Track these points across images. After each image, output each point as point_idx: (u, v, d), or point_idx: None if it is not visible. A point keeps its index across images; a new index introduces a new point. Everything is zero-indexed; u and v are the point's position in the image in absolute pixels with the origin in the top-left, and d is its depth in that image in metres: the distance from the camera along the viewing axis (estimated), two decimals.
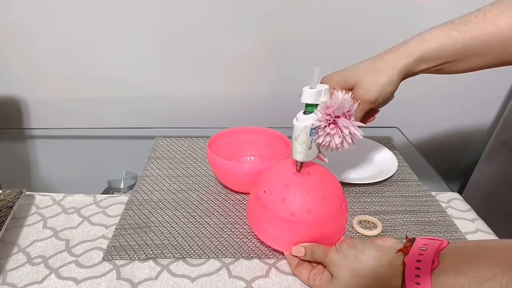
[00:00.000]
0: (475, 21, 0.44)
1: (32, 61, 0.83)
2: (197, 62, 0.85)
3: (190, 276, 0.46)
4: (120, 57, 0.83)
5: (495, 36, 0.42)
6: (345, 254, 0.41)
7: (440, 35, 0.45)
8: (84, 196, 0.61)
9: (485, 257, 0.32)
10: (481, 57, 0.44)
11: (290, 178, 0.47)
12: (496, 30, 0.42)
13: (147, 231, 0.53)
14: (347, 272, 0.40)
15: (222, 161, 0.58)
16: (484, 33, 0.43)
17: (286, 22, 0.80)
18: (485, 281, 0.30)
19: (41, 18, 0.78)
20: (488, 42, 0.43)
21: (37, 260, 0.48)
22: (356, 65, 0.48)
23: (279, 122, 0.86)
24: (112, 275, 0.46)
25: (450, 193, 0.64)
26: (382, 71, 0.46)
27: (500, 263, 0.30)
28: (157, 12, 0.78)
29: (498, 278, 0.29)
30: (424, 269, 0.34)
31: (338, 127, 0.42)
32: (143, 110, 0.91)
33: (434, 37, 0.45)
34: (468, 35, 0.43)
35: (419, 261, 0.35)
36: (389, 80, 0.46)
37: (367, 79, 0.46)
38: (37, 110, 0.90)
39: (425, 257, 0.35)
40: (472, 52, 0.44)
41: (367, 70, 0.47)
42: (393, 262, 0.38)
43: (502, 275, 0.29)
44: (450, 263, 0.33)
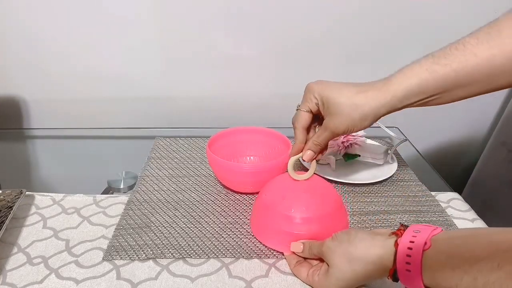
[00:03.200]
0: (455, 53, 0.43)
1: (32, 61, 0.83)
2: (197, 62, 0.85)
3: (190, 276, 0.46)
4: (121, 57, 0.83)
5: (477, 67, 0.42)
6: (339, 239, 0.42)
7: (421, 70, 0.44)
8: (84, 196, 0.61)
9: (478, 242, 0.32)
10: (466, 88, 0.43)
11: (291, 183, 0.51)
12: (476, 61, 0.42)
13: (147, 231, 0.53)
14: (341, 257, 0.41)
15: (222, 161, 0.58)
16: (466, 65, 0.42)
17: (287, 22, 0.80)
18: (477, 262, 0.30)
19: (41, 18, 0.78)
20: (471, 73, 0.42)
21: (37, 260, 0.48)
22: (340, 88, 0.47)
23: (279, 122, 0.86)
24: (112, 275, 0.46)
25: (449, 193, 0.65)
26: (359, 107, 0.45)
27: (494, 246, 0.31)
28: (158, 12, 0.78)
29: (491, 259, 0.29)
30: (415, 250, 0.35)
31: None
32: (143, 110, 0.91)
33: (415, 72, 0.44)
34: (449, 68, 0.43)
35: (411, 242, 0.36)
36: (363, 118, 0.45)
37: (343, 112, 0.45)
38: (37, 110, 0.90)
39: (418, 239, 0.35)
40: (455, 85, 0.43)
41: (347, 100, 0.45)
42: (386, 243, 0.38)
43: (495, 256, 0.29)
44: (443, 246, 0.34)
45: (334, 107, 0.46)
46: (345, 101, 0.45)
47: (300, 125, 0.50)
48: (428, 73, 0.43)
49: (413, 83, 0.44)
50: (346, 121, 0.46)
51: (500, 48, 0.41)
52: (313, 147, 0.49)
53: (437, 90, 0.44)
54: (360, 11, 0.80)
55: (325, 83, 0.48)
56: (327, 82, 0.48)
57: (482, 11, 0.81)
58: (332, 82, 0.48)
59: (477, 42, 0.42)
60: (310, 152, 0.49)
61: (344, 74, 0.88)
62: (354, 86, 0.46)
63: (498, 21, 0.43)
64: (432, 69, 0.43)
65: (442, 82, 0.43)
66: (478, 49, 0.42)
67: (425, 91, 0.44)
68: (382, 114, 0.46)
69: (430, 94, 0.44)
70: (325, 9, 0.79)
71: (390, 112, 0.46)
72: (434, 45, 0.84)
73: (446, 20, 0.82)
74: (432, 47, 0.88)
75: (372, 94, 0.45)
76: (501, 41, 0.41)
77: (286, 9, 0.79)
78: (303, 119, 0.49)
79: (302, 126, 0.50)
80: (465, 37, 0.44)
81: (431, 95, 0.44)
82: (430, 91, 0.44)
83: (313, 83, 0.48)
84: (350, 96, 0.45)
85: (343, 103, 0.45)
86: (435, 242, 0.35)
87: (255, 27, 0.81)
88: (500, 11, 0.82)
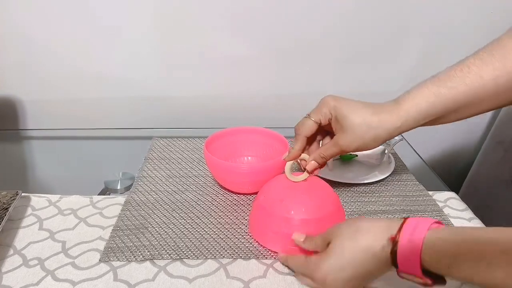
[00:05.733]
0: (460, 75, 0.44)
1: (28, 61, 0.83)
2: (195, 62, 0.85)
3: (187, 277, 0.46)
4: (117, 58, 0.83)
5: (483, 88, 0.43)
6: (345, 222, 0.43)
7: (429, 94, 0.45)
8: (80, 197, 0.61)
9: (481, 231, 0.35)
10: (472, 107, 0.45)
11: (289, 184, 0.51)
12: (482, 82, 0.43)
13: (144, 232, 0.53)
14: (345, 230, 0.41)
15: (219, 162, 0.58)
16: (471, 87, 0.44)
17: (285, 22, 0.80)
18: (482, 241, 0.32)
19: (36, 18, 0.77)
20: (477, 94, 0.44)
21: (33, 262, 0.48)
22: (356, 108, 0.48)
23: (276, 122, 0.86)
24: (109, 277, 0.46)
25: (446, 192, 0.65)
26: (373, 130, 0.46)
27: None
28: (154, 12, 0.78)
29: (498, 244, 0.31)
30: (422, 225, 0.36)
31: None
32: (140, 110, 0.90)
33: (423, 96, 0.46)
34: (456, 90, 0.44)
35: (418, 222, 0.37)
36: (375, 139, 0.47)
37: (356, 131, 0.47)
38: (33, 110, 0.89)
39: (425, 220, 0.37)
40: (462, 105, 0.45)
41: (362, 120, 0.47)
42: (392, 220, 0.39)
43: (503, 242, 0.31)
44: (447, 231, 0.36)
45: (348, 125, 0.47)
46: (360, 122, 0.47)
47: (303, 133, 0.50)
48: (435, 97, 0.45)
49: (422, 108, 0.46)
50: (358, 141, 0.47)
51: (505, 69, 0.42)
52: (319, 159, 0.50)
53: (445, 111, 0.46)
54: (359, 11, 0.80)
55: (342, 99, 0.48)
56: (344, 99, 0.49)
57: (480, 11, 0.81)
58: (348, 99, 0.49)
59: (481, 63, 0.44)
60: (314, 163, 0.50)
61: (342, 74, 0.88)
62: (368, 106, 0.48)
63: (500, 40, 0.44)
64: (439, 92, 0.45)
65: (450, 105, 0.45)
66: (483, 70, 0.43)
67: (433, 113, 0.46)
68: (393, 137, 0.48)
69: (438, 116, 0.46)
70: (323, 9, 0.79)
71: (399, 134, 0.48)
72: (432, 45, 0.84)
73: (443, 20, 0.82)
74: (430, 46, 0.89)
75: (385, 117, 0.46)
76: (505, 62, 0.42)
77: (284, 9, 0.78)
78: (308, 128, 0.50)
79: (305, 134, 0.50)
80: (469, 57, 0.45)
81: (439, 116, 0.46)
82: (438, 113, 0.46)
83: (329, 97, 0.49)
84: (365, 117, 0.47)
85: (357, 124, 0.46)
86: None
87: (253, 28, 0.81)
88: (496, 11, 0.82)
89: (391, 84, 0.91)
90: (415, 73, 0.89)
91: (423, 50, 0.86)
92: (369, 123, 0.46)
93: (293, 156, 0.51)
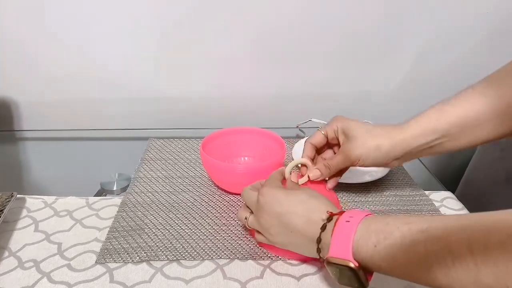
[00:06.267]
0: (464, 95, 0.46)
1: (23, 62, 0.82)
2: (191, 62, 0.84)
3: (184, 278, 0.46)
4: (113, 58, 0.83)
5: (486, 108, 0.44)
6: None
7: (433, 111, 0.47)
8: (76, 198, 0.60)
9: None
10: (478, 129, 0.45)
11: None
12: (486, 100, 0.44)
13: (140, 233, 0.53)
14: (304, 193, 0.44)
15: (216, 162, 0.58)
16: (475, 105, 0.45)
17: (280, 23, 0.80)
18: (409, 223, 0.33)
19: (33, 19, 0.77)
20: (481, 113, 0.44)
21: (29, 264, 0.47)
22: (361, 122, 0.50)
23: (273, 123, 0.86)
24: (105, 279, 0.45)
25: (443, 192, 0.65)
26: (375, 137, 0.48)
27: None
28: (151, 13, 0.78)
29: (421, 221, 0.33)
30: (361, 213, 0.38)
31: None
32: (136, 111, 0.90)
33: (427, 113, 0.47)
34: (459, 107, 0.46)
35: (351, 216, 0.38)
36: (377, 147, 0.48)
37: (358, 137, 0.48)
38: (28, 111, 0.88)
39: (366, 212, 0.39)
40: (467, 124, 0.45)
41: (365, 128, 0.49)
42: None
43: (426, 219, 0.33)
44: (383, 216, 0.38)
45: (352, 134, 0.49)
46: (363, 130, 0.49)
47: (310, 140, 0.53)
48: (440, 113, 0.46)
49: (426, 122, 0.47)
50: (360, 147, 0.48)
51: (509, 91, 0.43)
52: (323, 168, 0.51)
53: (449, 130, 0.46)
54: (354, 11, 0.80)
55: (350, 119, 0.51)
56: (352, 119, 0.51)
57: (476, 11, 0.81)
58: (357, 120, 0.51)
59: (487, 85, 0.45)
60: (317, 172, 0.51)
61: (338, 74, 0.88)
62: (374, 124, 0.50)
63: (505, 68, 0.46)
64: (443, 109, 0.46)
65: (454, 121, 0.45)
66: (487, 91, 0.44)
67: (438, 129, 0.46)
68: (397, 154, 0.48)
69: (443, 134, 0.46)
70: (318, 9, 0.79)
71: (404, 152, 0.48)
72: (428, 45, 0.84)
73: (439, 20, 0.82)
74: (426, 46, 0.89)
75: (388, 129, 0.48)
76: (510, 86, 0.43)
77: (280, 10, 0.78)
78: (315, 137, 0.53)
79: (311, 142, 0.53)
80: (476, 83, 0.47)
81: (443, 136, 0.46)
82: (442, 130, 0.46)
83: (340, 116, 0.52)
84: (369, 127, 0.49)
85: (360, 131, 0.49)
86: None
87: (249, 28, 0.81)
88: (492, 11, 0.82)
89: (386, 84, 0.91)
90: (411, 73, 0.89)
91: (419, 50, 0.86)
92: (372, 132, 0.48)
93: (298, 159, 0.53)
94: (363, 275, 0.36)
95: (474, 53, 0.86)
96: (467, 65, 0.88)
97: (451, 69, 0.88)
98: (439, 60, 0.88)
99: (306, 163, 0.52)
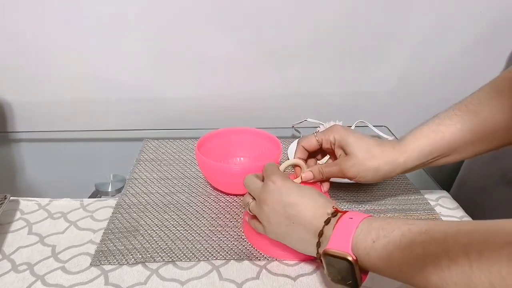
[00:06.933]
0: (459, 114, 0.47)
1: (15, 63, 0.81)
2: (186, 63, 0.84)
3: (180, 280, 0.45)
4: (107, 58, 0.82)
5: (481, 126, 0.45)
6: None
7: (429, 131, 0.47)
8: (70, 200, 0.60)
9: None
10: (474, 146, 0.47)
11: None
12: (479, 120, 0.45)
13: (135, 235, 0.52)
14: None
15: (211, 163, 0.58)
16: (470, 123, 0.46)
17: (277, 22, 0.80)
18: (410, 224, 0.34)
19: (24, 19, 0.76)
20: (476, 131, 0.46)
21: (23, 267, 0.47)
22: (361, 137, 0.49)
23: (268, 123, 0.86)
24: (100, 281, 0.45)
25: (438, 191, 0.65)
26: (375, 158, 0.48)
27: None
28: (146, 13, 0.77)
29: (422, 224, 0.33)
30: (360, 214, 0.39)
31: None
32: (131, 111, 0.90)
33: (424, 133, 0.48)
34: (454, 127, 0.46)
35: (355, 215, 0.39)
36: (376, 169, 0.48)
37: (358, 156, 0.48)
38: (22, 112, 0.88)
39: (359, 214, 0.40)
40: (463, 143, 0.47)
41: (365, 147, 0.48)
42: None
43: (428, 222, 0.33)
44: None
45: (351, 151, 0.48)
46: (363, 148, 0.48)
47: (303, 144, 0.52)
48: (436, 134, 0.47)
49: (423, 144, 0.47)
50: (358, 166, 0.48)
51: (501, 107, 0.44)
52: (316, 173, 0.51)
53: (447, 149, 0.47)
54: (350, 11, 0.80)
55: (349, 129, 0.50)
56: (351, 130, 0.50)
57: (469, 11, 0.82)
58: (355, 131, 0.50)
59: (479, 102, 0.46)
60: (309, 174, 0.51)
61: (334, 75, 0.88)
62: (373, 139, 0.50)
63: (496, 82, 0.46)
64: (439, 130, 0.47)
65: (451, 141, 0.46)
66: (480, 108, 0.45)
67: (435, 150, 0.47)
68: (393, 175, 0.49)
69: (440, 154, 0.48)
70: (314, 9, 0.79)
71: (402, 173, 0.50)
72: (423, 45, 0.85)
73: (434, 20, 0.82)
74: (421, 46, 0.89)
75: (388, 150, 0.48)
76: (502, 100, 0.44)
77: (276, 10, 0.78)
78: (309, 142, 0.52)
79: (303, 145, 0.52)
80: (467, 98, 0.47)
81: (440, 155, 0.48)
82: (439, 150, 0.47)
83: (338, 125, 0.51)
84: (369, 146, 0.48)
85: (360, 149, 0.48)
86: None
87: (245, 28, 0.80)
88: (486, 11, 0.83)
89: (382, 84, 0.92)
90: (406, 72, 0.89)
91: (414, 50, 0.86)
92: (372, 152, 0.48)
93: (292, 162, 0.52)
94: (359, 271, 0.36)
95: (468, 52, 0.87)
96: (462, 64, 0.88)
97: (447, 68, 0.89)
98: (434, 60, 0.88)
99: (300, 163, 0.51)
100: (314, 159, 0.55)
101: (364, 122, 0.81)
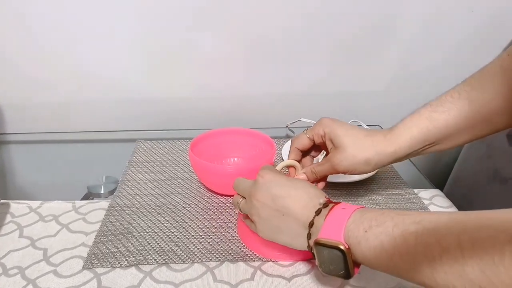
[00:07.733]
0: (451, 100, 0.46)
1: (7, 64, 0.80)
2: (179, 63, 0.83)
3: (174, 282, 0.45)
4: (99, 60, 0.81)
5: (473, 112, 0.45)
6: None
7: (421, 119, 0.47)
8: (62, 202, 0.59)
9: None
10: (467, 132, 0.46)
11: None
12: (471, 107, 0.45)
13: (128, 237, 0.52)
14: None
15: (205, 163, 0.57)
16: (462, 110, 0.45)
17: (271, 21, 0.80)
18: (404, 215, 0.33)
19: (13, 19, 0.75)
20: (469, 117, 0.45)
21: (13, 271, 0.46)
22: (350, 129, 0.48)
23: (262, 123, 0.86)
24: (92, 284, 0.44)
25: (431, 189, 0.65)
26: (365, 151, 0.47)
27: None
28: (139, 13, 0.76)
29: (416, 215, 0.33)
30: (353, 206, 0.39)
31: None
32: (124, 112, 0.89)
33: (416, 121, 0.47)
34: (447, 114, 0.45)
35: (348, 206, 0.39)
36: (367, 161, 0.47)
37: (348, 149, 0.47)
38: (12, 114, 0.86)
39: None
40: (456, 130, 0.46)
41: (354, 139, 0.47)
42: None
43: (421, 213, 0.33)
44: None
45: (341, 143, 0.47)
46: (352, 140, 0.47)
47: (295, 145, 0.52)
48: (429, 121, 0.46)
49: (415, 132, 0.46)
50: (349, 159, 0.47)
51: (494, 92, 0.43)
52: (309, 174, 0.50)
53: (439, 136, 0.46)
54: (344, 11, 0.80)
55: (338, 121, 0.49)
56: (340, 121, 0.49)
57: (461, 11, 0.82)
58: (344, 122, 0.49)
59: (471, 88, 0.45)
60: (303, 176, 0.51)
61: (329, 74, 0.88)
62: (362, 130, 0.49)
63: (488, 68, 0.46)
64: (431, 116, 0.46)
65: (443, 129, 0.46)
66: (472, 95, 0.45)
67: (427, 138, 0.46)
68: (385, 164, 0.48)
69: (432, 141, 0.47)
70: (309, 9, 0.79)
71: (393, 161, 0.48)
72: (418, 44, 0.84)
73: (428, 19, 0.83)
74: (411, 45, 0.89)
75: (378, 140, 0.47)
76: (493, 87, 0.44)
77: (269, 9, 0.78)
78: (301, 141, 0.52)
79: (297, 147, 0.52)
80: (459, 84, 0.47)
81: (433, 142, 0.47)
82: (431, 137, 0.46)
83: (326, 118, 0.50)
84: (358, 137, 0.47)
85: (349, 142, 0.47)
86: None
87: (238, 28, 0.80)
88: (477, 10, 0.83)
89: (376, 83, 0.92)
90: (399, 72, 0.90)
91: (407, 49, 0.87)
92: (362, 143, 0.47)
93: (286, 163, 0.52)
94: (351, 260, 0.35)
95: (461, 51, 0.87)
96: (454, 62, 0.89)
97: (439, 67, 0.89)
98: (427, 59, 0.88)
99: (294, 164, 0.51)
100: (310, 157, 0.54)
101: (357, 121, 0.82)
